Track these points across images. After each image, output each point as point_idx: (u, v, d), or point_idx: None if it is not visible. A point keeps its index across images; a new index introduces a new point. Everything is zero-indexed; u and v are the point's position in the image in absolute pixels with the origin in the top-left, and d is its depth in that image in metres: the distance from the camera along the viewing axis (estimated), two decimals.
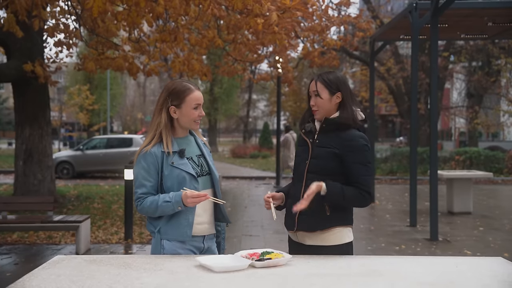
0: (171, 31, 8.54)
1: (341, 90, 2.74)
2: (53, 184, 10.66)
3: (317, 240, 2.71)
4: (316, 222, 2.69)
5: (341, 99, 2.75)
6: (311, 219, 2.69)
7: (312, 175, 2.70)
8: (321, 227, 2.68)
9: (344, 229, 2.73)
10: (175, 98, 2.72)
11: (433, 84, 7.89)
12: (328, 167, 2.69)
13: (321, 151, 2.72)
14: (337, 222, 2.70)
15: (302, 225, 2.72)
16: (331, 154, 2.69)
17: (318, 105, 2.76)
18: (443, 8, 7.75)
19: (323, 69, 15.01)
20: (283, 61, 13.74)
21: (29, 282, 2.16)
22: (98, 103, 37.16)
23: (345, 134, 2.70)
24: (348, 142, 2.68)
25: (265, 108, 51.18)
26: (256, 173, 19.23)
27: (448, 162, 18.33)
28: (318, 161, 2.71)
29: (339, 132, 2.71)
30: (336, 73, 2.81)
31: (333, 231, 2.70)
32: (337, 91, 2.74)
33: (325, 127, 2.75)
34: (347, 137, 2.69)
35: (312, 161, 2.73)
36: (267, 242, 7.41)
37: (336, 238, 2.71)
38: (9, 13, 7.57)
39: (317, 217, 2.68)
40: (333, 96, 2.75)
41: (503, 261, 2.57)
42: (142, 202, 2.66)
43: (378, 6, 23.12)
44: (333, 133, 2.72)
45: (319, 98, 2.75)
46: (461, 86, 30.64)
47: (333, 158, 2.69)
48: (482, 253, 6.92)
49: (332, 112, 2.76)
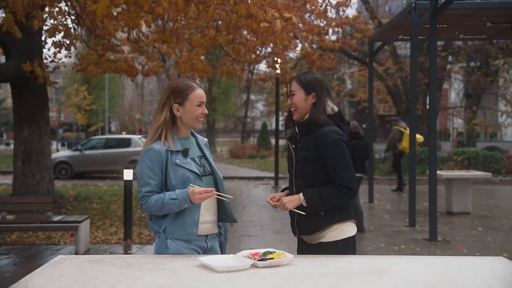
0: (172, 32, 8.54)
1: (315, 90, 2.76)
2: (51, 185, 10.65)
3: (318, 239, 2.78)
4: (312, 224, 2.76)
5: (315, 99, 2.77)
6: (307, 223, 2.78)
7: (300, 180, 2.77)
8: (319, 228, 2.75)
9: (343, 225, 2.77)
10: (178, 96, 2.72)
11: (432, 84, 7.89)
12: (313, 170, 2.73)
13: (303, 155, 2.76)
14: (333, 220, 2.75)
15: (302, 229, 2.82)
16: (311, 157, 2.72)
17: (295, 104, 2.79)
18: (442, 8, 7.76)
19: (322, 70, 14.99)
20: (282, 61, 13.75)
21: (31, 282, 2.15)
22: (96, 103, 37.14)
23: (318, 133, 2.72)
24: (321, 140, 2.71)
25: (264, 108, 51.15)
26: (255, 174, 19.23)
27: (446, 162, 18.35)
28: (302, 165, 2.76)
29: (314, 133, 2.74)
30: (314, 74, 2.84)
31: (331, 228, 2.75)
32: (313, 91, 2.77)
33: (301, 130, 2.79)
34: (319, 135, 2.71)
35: (297, 166, 2.78)
36: (267, 243, 7.40)
37: (334, 234, 2.75)
38: (7, 13, 7.56)
39: (313, 220, 2.75)
40: (308, 96, 2.78)
41: (505, 261, 2.58)
42: (147, 201, 2.65)
43: (377, 6, 23.13)
44: (309, 135, 2.75)
45: (295, 97, 2.78)
46: (459, 87, 30.68)
47: (314, 160, 2.72)
48: (481, 253, 6.93)
49: (306, 109, 2.79)
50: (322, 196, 2.68)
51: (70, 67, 12.43)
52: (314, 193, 2.69)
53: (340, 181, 2.68)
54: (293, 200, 2.73)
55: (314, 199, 2.68)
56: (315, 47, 13.62)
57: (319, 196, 2.68)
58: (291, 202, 2.73)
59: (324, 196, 2.67)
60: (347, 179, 2.69)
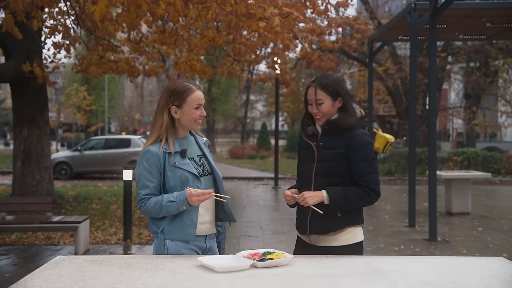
0: (171, 33, 8.54)
1: (341, 95, 2.76)
2: (51, 185, 10.64)
3: (330, 241, 2.73)
4: (327, 224, 2.71)
5: (342, 103, 2.77)
6: (322, 222, 2.71)
7: (320, 177, 2.72)
8: (333, 229, 2.71)
9: (356, 229, 2.76)
10: (176, 98, 2.71)
11: (431, 84, 7.89)
12: (335, 169, 2.70)
13: (327, 153, 2.72)
14: (348, 222, 2.72)
15: (314, 228, 2.74)
16: (337, 155, 2.70)
17: (323, 113, 2.76)
18: (442, 9, 7.76)
19: (321, 71, 14.99)
20: (281, 62, 13.75)
21: (31, 282, 2.15)
22: (96, 103, 37.13)
23: (350, 133, 2.71)
24: (352, 140, 2.69)
25: (263, 108, 51.17)
26: (255, 174, 19.22)
27: (446, 162, 18.36)
28: (325, 163, 2.72)
29: (342, 133, 2.72)
30: (333, 77, 2.82)
31: (345, 231, 2.72)
32: (338, 96, 2.76)
33: (327, 129, 2.76)
34: (351, 136, 2.70)
35: (320, 164, 2.73)
36: (266, 243, 7.40)
37: (349, 238, 2.73)
38: (7, 14, 7.56)
39: (328, 220, 2.70)
40: (335, 101, 2.76)
41: (505, 261, 2.57)
42: (145, 203, 2.66)
43: (376, 6, 23.15)
44: (336, 133, 2.73)
45: (323, 106, 2.75)
46: (458, 87, 30.68)
47: (339, 159, 2.70)
48: (481, 253, 6.93)
49: (333, 114, 2.78)
50: (346, 196, 2.64)
51: (70, 67, 12.44)
52: (338, 191, 2.65)
53: (366, 182, 2.66)
54: (315, 196, 2.65)
55: (337, 197, 2.64)
56: (315, 48, 13.63)
57: (344, 195, 2.64)
58: (313, 197, 2.65)
59: (349, 196, 2.64)
60: (373, 181, 2.68)
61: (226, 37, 9.74)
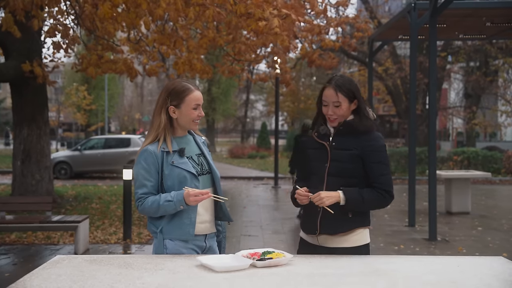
0: (170, 34, 8.53)
1: (357, 97, 2.76)
2: (51, 185, 10.64)
3: (339, 242, 2.72)
4: (338, 224, 2.70)
5: (357, 105, 2.78)
6: (333, 222, 2.70)
7: (333, 178, 2.70)
8: (344, 229, 2.70)
9: (364, 230, 2.76)
10: (174, 98, 2.71)
11: (431, 84, 7.89)
12: (350, 169, 2.70)
13: (341, 153, 2.71)
14: (358, 223, 2.73)
15: (325, 228, 2.72)
16: (352, 156, 2.69)
17: (339, 115, 2.75)
18: (441, 8, 7.75)
19: (322, 69, 14.99)
20: (281, 61, 13.73)
21: (30, 282, 2.15)
22: (96, 103, 37.14)
23: (366, 135, 2.72)
24: (369, 142, 2.70)
25: (263, 108, 51.18)
26: (254, 173, 19.22)
27: (446, 162, 18.36)
28: (338, 163, 2.71)
29: (357, 134, 2.72)
30: (349, 79, 2.81)
31: (354, 232, 2.73)
32: (354, 99, 2.76)
33: (342, 129, 2.75)
34: (367, 138, 2.71)
35: (333, 164, 2.72)
36: (266, 243, 7.40)
37: (358, 239, 2.73)
38: (7, 13, 7.55)
39: (339, 220, 2.69)
40: (351, 104, 2.77)
41: (504, 261, 2.57)
42: (143, 203, 2.65)
43: (376, 6, 23.14)
44: (350, 134, 2.73)
45: (340, 108, 2.74)
46: (458, 86, 30.68)
47: (353, 159, 2.69)
48: (481, 253, 6.93)
49: (348, 116, 2.78)
50: (362, 197, 2.64)
51: (70, 66, 12.43)
52: (354, 192, 2.65)
53: (380, 184, 2.68)
54: (332, 196, 2.63)
55: (354, 198, 2.64)
56: (315, 47, 13.61)
57: (360, 196, 2.64)
58: (329, 198, 2.62)
59: (365, 197, 2.64)
60: (387, 183, 2.69)
61: (226, 37, 9.74)
